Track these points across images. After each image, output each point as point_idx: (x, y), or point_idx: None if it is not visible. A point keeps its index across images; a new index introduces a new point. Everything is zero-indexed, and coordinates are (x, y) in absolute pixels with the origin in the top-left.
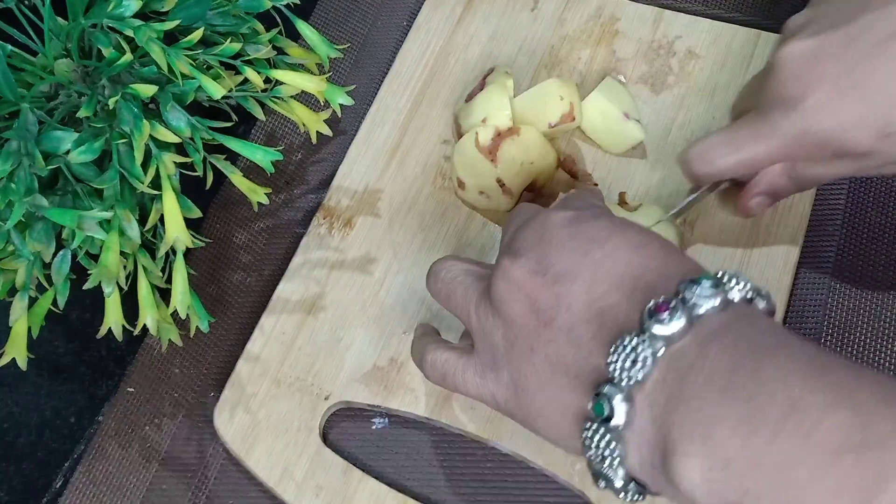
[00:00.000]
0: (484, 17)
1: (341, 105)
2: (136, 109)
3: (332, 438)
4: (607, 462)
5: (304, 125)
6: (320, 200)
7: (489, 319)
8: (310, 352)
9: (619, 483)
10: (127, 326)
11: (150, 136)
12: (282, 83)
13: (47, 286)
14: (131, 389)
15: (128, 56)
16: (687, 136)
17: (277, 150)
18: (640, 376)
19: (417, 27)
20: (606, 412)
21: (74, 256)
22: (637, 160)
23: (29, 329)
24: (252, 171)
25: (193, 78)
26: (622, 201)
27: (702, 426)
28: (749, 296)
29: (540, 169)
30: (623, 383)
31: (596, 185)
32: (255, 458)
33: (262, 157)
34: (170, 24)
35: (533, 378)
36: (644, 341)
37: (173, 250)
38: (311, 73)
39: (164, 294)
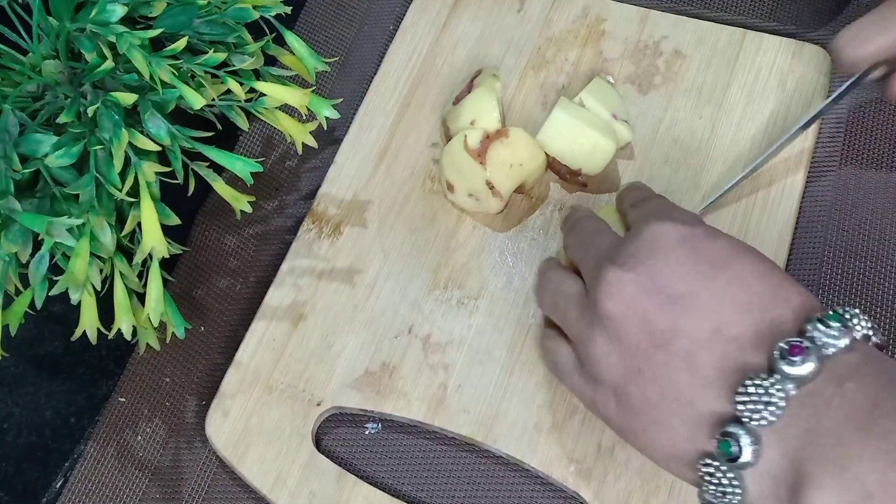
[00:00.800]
0: (470, 19)
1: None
2: (116, 117)
3: (325, 444)
4: (727, 497)
5: (290, 136)
6: (312, 206)
7: (594, 331)
8: (301, 358)
9: None
10: (103, 330)
11: (130, 143)
12: (265, 95)
13: (22, 288)
14: (122, 399)
15: (109, 63)
16: (675, 136)
17: (260, 161)
18: (772, 418)
19: (404, 31)
20: (734, 452)
21: (53, 257)
22: (625, 161)
23: (7, 327)
24: (241, 179)
25: (174, 87)
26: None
27: (841, 461)
28: (870, 333)
29: (529, 170)
30: (753, 423)
31: (585, 185)
32: (247, 465)
33: (242, 167)
34: (153, 32)
35: (639, 398)
36: (775, 383)
37: (151, 256)
38: (305, 80)
39: (143, 298)
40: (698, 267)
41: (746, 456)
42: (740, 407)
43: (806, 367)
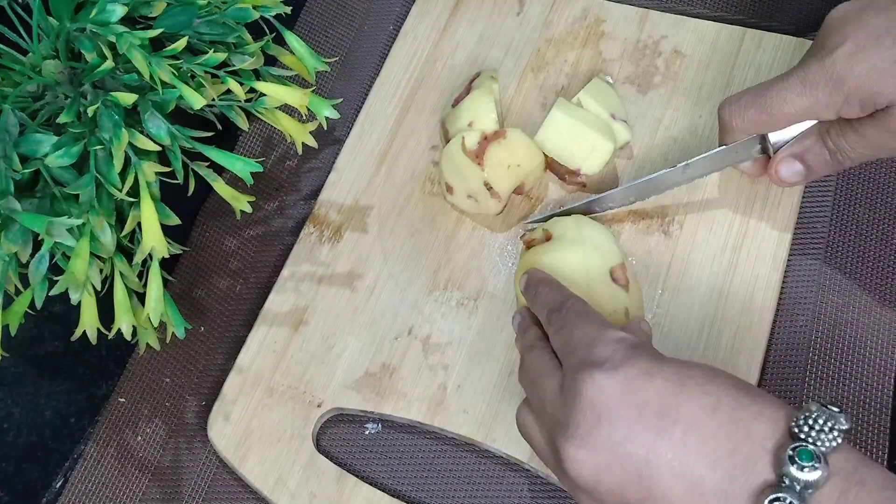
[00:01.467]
0: (470, 22)
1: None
2: (116, 117)
3: (326, 445)
4: None
5: (290, 136)
6: (312, 208)
7: (566, 475)
8: (301, 360)
9: None
10: (103, 330)
11: (130, 143)
12: (265, 95)
13: (22, 288)
14: (122, 399)
15: (109, 63)
16: (674, 135)
17: (260, 161)
18: None
19: (404, 34)
20: None
21: (53, 257)
22: (624, 161)
23: (7, 327)
24: (242, 179)
25: (175, 87)
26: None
27: None
28: (839, 440)
29: (527, 171)
30: None
31: (584, 185)
32: (248, 466)
33: (242, 167)
34: (153, 32)
35: None
36: None
37: (151, 256)
38: (305, 80)
39: (143, 298)
40: (648, 423)
41: (813, 475)
42: None
43: None
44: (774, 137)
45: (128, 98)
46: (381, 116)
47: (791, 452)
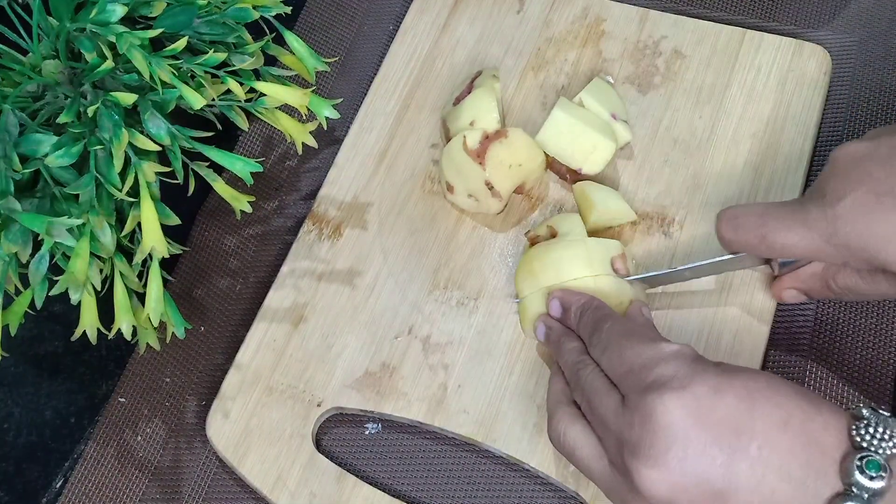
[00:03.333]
0: (470, 20)
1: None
2: (116, 117)
3: (325, 445)
4: None
5: (290, 136)
6: (311, 208)
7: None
8: (301, 359)
9: None
10: (103, 330)
11: (130, 143)
12: (265, 95)
13: (21, 288)
14: (122, 399)
15: (109, 63)
16: (674, 135)
17: (260, 161)
18: None
19: (404, 32)
20: None
21: (53, 257)
22: (625, 161)
23: (7, 327)
24: (242, 179)
25: (174, 87)
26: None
27: None
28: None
29: (528, 171)
30: None
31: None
32: (248, 466)
33: (242, 167)
34: (153, 32)
35: None
36: None
37: (151, 256)
38: (305, 80)
39: (143, 298)
40: (724, 442)
41: (880, 483)
42: None
43: None
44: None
45: (128, 98)
46: (380, 114)
47: (859, 463)
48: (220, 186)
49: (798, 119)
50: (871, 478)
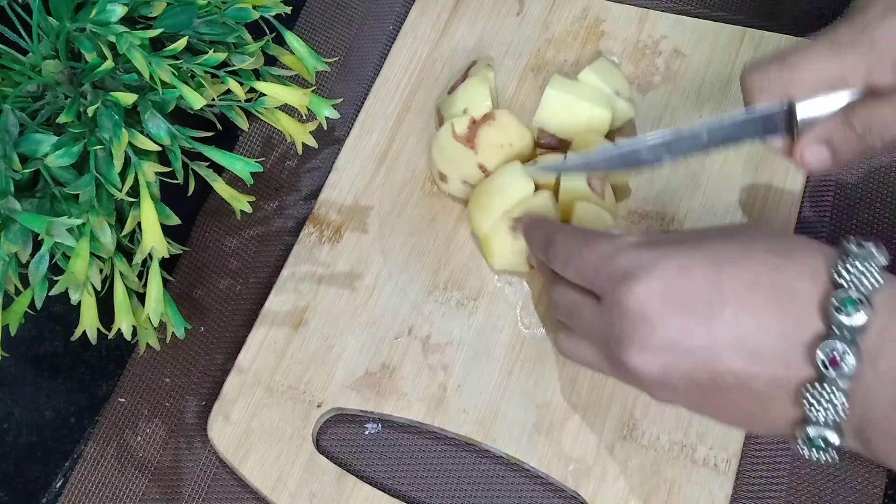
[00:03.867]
0: (470, 22)
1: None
2: (116, 117)
3: (326, 445)
4: (834, 407)
5: (290, 136)
6: (312, 208)
7: (652, 390)
8: (301, 360)
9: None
10: (103, 330)
11: (130, 143)
12: (265, 95)
13: (21, 288)
14: (122, 399)
15: (109, 63)
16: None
17: (260, 161)
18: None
19: (404, 34)
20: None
21: (53, 257)
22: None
23: (7, 327)
24: (242, 179)
25: (174, 87)
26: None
27: None
28: (880, 280)
29: (518, 149)
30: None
31: (555, 147)
32: (248, 466)
33: (242, 167)
34: (153, 32)
35: (715, 406)
36: (833, 384)
37: (151, 256)
38: (305, 80)
39: (143, 298)
40: (699, 316)
41: (859, 319)
42: (809, 409)
43: (849, 363)
44: (801, 114)
45: (128, 98)
46: (381, 116)
47: (836, 303)
48: (220, 186)
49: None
50: (849, 315)
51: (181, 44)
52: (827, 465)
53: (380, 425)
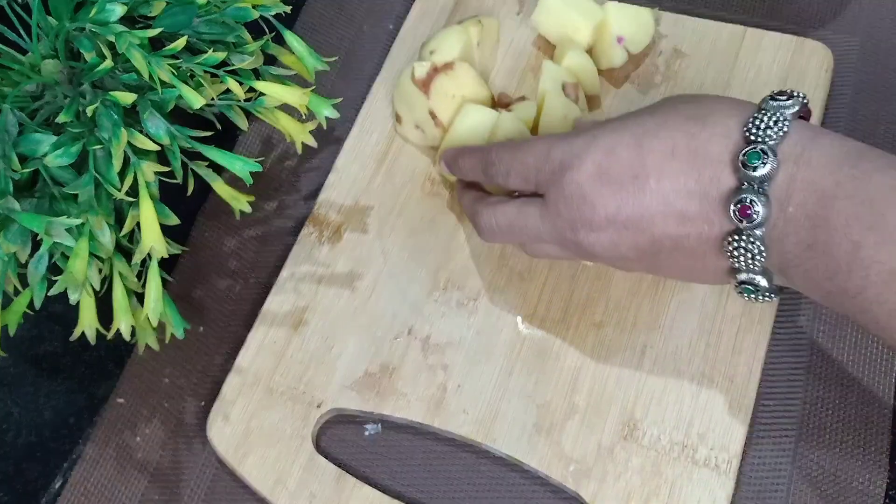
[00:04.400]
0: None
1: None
2: (115, 116)
3: (325, 446)
4: (754, 259)
5: (289, 136)
6: (312, 208)
7: (614, 262)
8: (301, 360)
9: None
10: (102, 330)
11: (129, 143)
12: (265, 94)
13: (20, 288)
14: (121, 399)
15: (108, 63)
16: None
17: (259, 160)
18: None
19: (404, 35)
20: (758, 166)
21: (52, 256)
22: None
23: (6, 327)
24: (241, 179)
25: (174, 86)
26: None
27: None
28: (785, 128)
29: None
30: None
31: (524, 97)
32: (247, 467)
33: (241, 167)
34: (153, 32)
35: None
36: (746, 237)
37: (150, 256)
38: (305, 80)
39: (142, 298)
40: (629, 189)
41: (763, 170)
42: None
43: (759, 211)
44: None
45: (127, 97)
46: (380, 116)
47: (742, 158)
48: (219, 186)
49: None
50: (755, 168)
51: (180, 43)
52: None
53: (380, 426)
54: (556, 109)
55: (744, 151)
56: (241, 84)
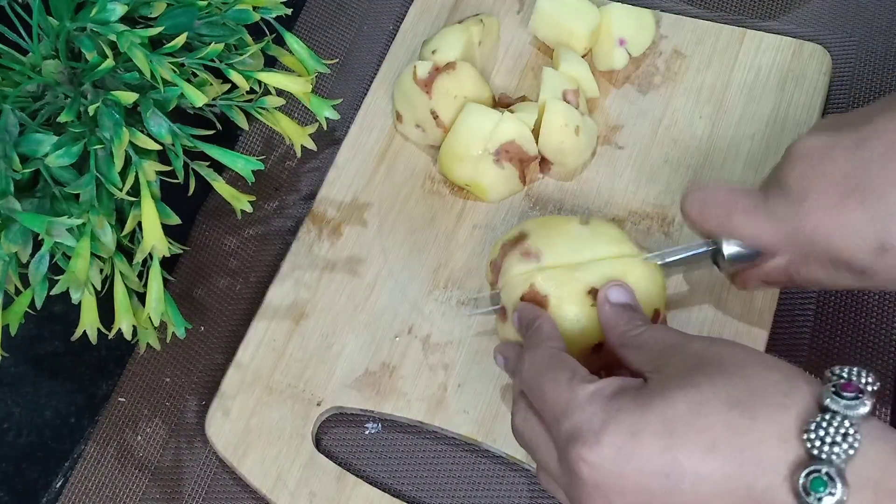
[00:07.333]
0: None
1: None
2: (116, 116)
3: (325, 444)
4: None
5: (289, 138)
6: (312, 207)
7: None
8: (301, 358)
9: None
10: (103, 330)
11: (130, 142)
12: (268, 91)
13: (22, 288)
14: (122, 399)
15: (109, 62)
16: (674, 136)
17: (260, 160)
18: None
19: (404, 32)
20: None
21: (53, 256)
22: (624, 160)
23: (7, 326)
24: (242, 178)
25: (176, 85)
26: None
27: None
28: (855, 445)
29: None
30: None
31: (525, 97)
32: (247, 465)
33: (243, 165)
34: (153, 31)
35: None
36: None
37: (151, 256)
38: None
39: (143, 298)
40: (653, 487)
41: (830, 501)
42: None
43: None
44: (728, 250)
45: (128, 97)
46: (380, 115)
47: (804, 481)
48: (220, 186)
49: (798, 119)
50: (820, 498)
51: (180, 40)
52: None
53: (380, 425)
54: (557, 116)
55: (805, 472)
56: (243, 77)
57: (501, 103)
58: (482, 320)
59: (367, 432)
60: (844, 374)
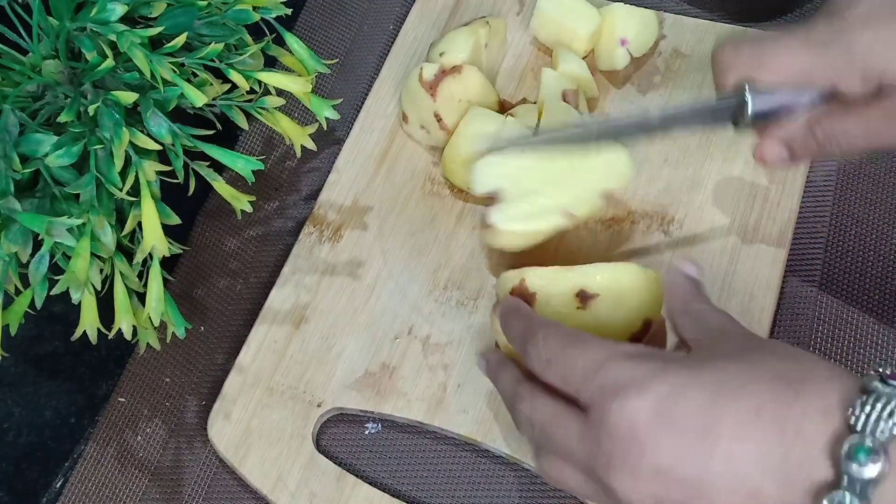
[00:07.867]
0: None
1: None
2: (117, 116)
3: (326, 445)
4: None
5: (289, 138)
6: (312, 208)
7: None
8: (301, 360)
9: None
10: (103, 330)
11: (130, 142)
12: (268, 91)
13: (22, 288)
14: (122, 399)
15: (109, 62)
16: (674, 136)
17: (260, 160)
18: None
19: (404, 34)
20: None
21: (53, 256)
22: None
23: (7, 326)
24: (242, 179)
25: (176, 85)
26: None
27: None
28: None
29: None
30: None
31: (525, 100)
32: (248, 466)
33: (244, 165)
34: (153, 31)
35: None
36: None
37: (151, 256)
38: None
39: (143, 298)
40: (693, 443)
41: (872, 471)
42: None
43: None
44: (754, 107)
45: (128, 97)
46: (380, 116)
47: (847, 449)
48: (220, 186)
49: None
50: (862, 465)
51: (180, 40)
52: None
53: (380, 425)
54: (556, 116)
55: (850, 442)
56: (243, 77)
57: (502, 108)
58: (482, 320)
59: (367, 433)
60: (888, 369)
